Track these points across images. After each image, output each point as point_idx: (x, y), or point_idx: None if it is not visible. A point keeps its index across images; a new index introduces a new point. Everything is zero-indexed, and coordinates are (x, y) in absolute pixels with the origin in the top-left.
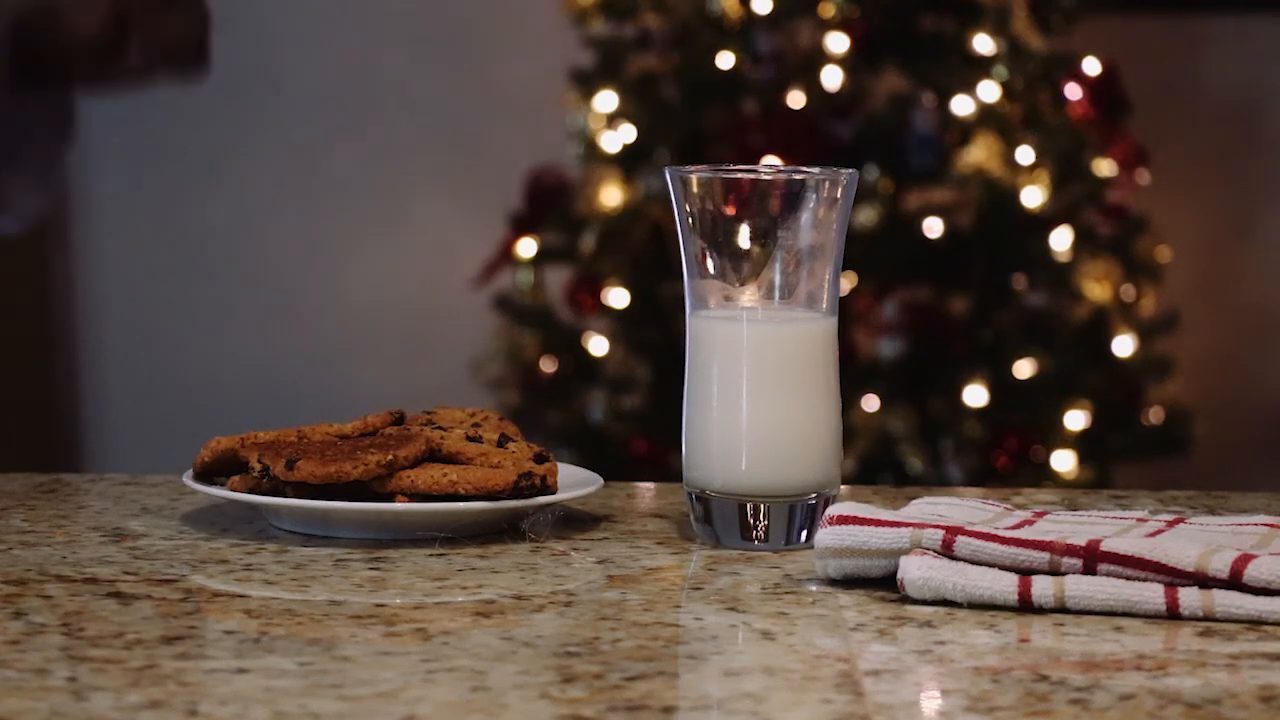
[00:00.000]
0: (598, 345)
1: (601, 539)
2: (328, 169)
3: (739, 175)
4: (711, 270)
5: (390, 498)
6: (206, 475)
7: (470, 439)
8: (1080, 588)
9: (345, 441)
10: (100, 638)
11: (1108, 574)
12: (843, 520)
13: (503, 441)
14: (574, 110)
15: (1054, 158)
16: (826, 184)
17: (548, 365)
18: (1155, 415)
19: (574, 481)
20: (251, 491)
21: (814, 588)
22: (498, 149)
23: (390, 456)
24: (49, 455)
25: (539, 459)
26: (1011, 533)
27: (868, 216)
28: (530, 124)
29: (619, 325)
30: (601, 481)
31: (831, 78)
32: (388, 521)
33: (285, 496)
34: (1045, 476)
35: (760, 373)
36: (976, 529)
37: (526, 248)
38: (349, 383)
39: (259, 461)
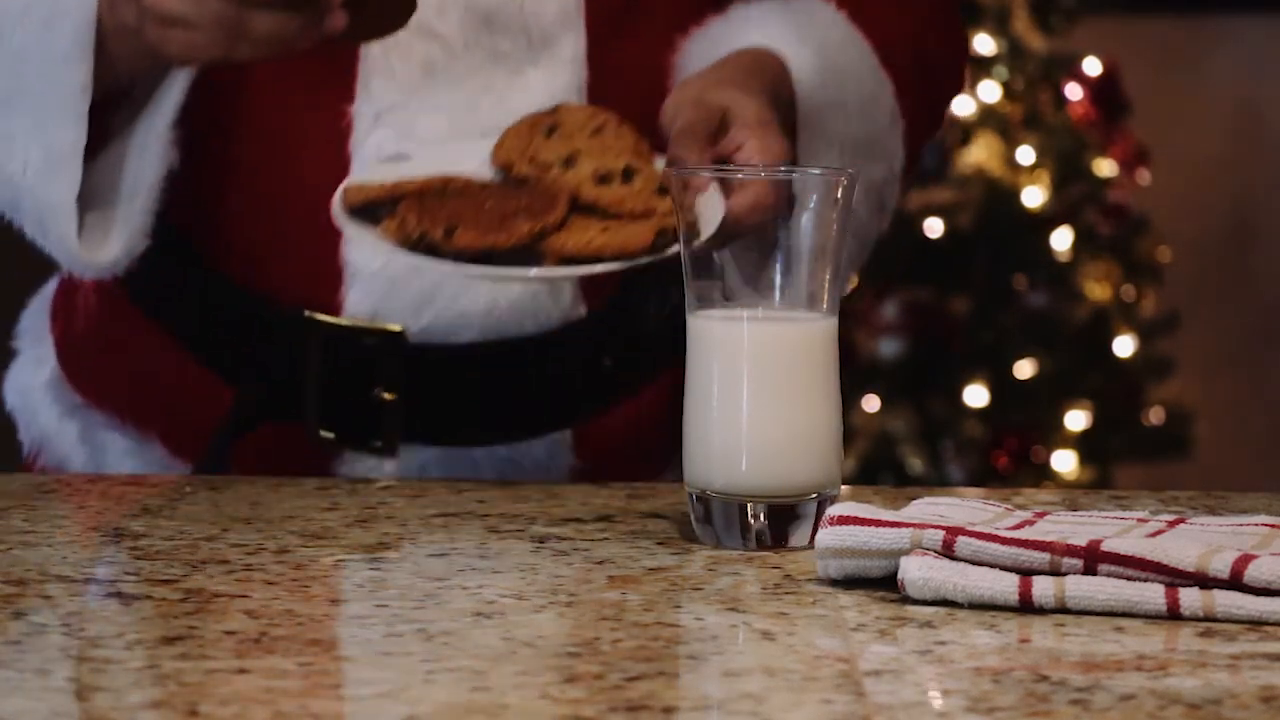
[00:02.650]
0: None
1: (601, 539)
2: None
3: (739, 175)
4: (711, 270)
5: (539, 256)
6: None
7: (601, 179)
8: (1081, 588)
9: (494, 202)
10: (100, 638)
11: (1108, 574)
12: (843, 520)
13: (628, 174)
14: None
15: (1054, 158)
16: (826, 184)
17: None
18: (1155, 415)
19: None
20: (408, 248)
21: (814, 588)
22: None
23: (540, 225)
24: None
25: (662, 190)
26: (1012, 533)
27: None
28: None
29: None
30: (722, 211)
31: None
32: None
33: (442, 258)
34: (1046, 477)
35: (760, 373)
36: (977, 529)
37: None
38: None
39: (417, 225)
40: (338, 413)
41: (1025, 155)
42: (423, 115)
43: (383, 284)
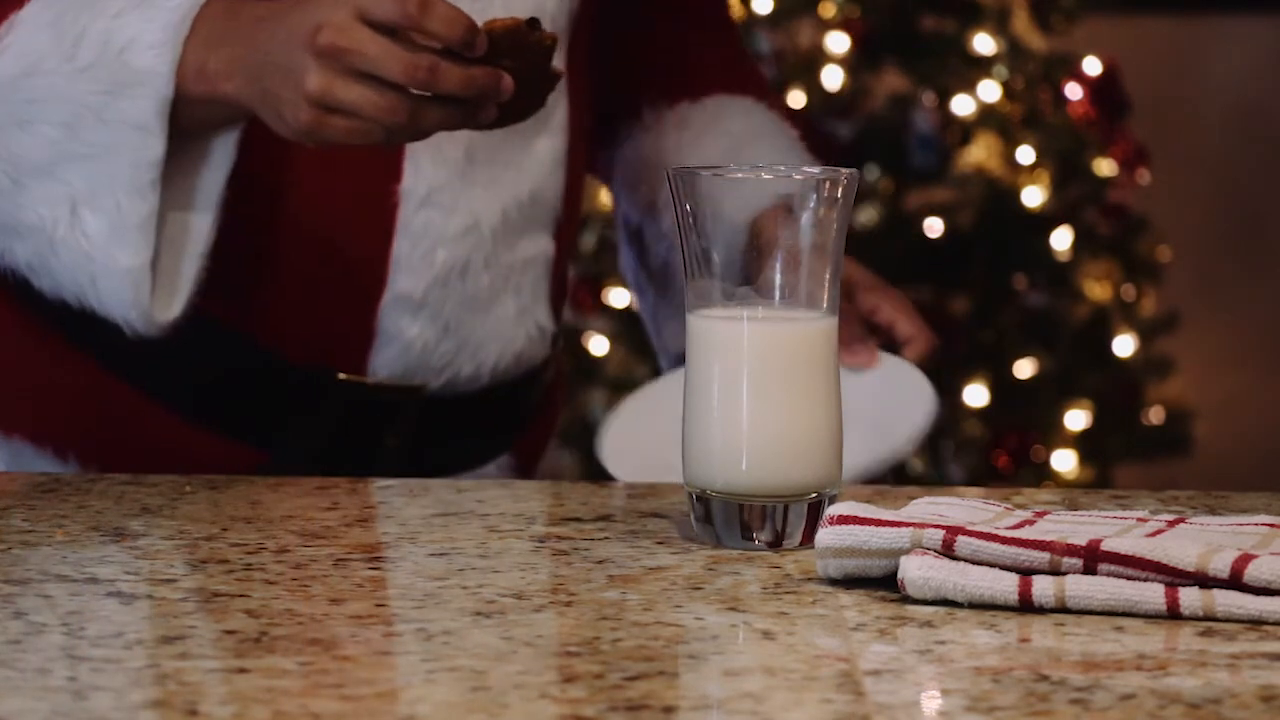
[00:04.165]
0: (598, 345)
1: (602, 539)
2: None
3: (739, 175)
4: (711, 270)
5: None
6: None
7: None
8: (1081, 587)
9: None
10: (100, 638)
11: (1108, 574)
12: (843, 520)
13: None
14: None
15: (1054, 157)
16: (826, 184)
17: None
18: (1155, 415)
19: None
20: None
21: (814, 587)
22: None
23: None
24: None
25: None
26: (1012, 532)
27: (868, 216)
28: None
29: (619, 325)
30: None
31: (832, 77)
32: None
33: None
34: (1045, 476)
35: (760, 372)
36: (977, 529)
37: None
38: None
39: None
40: (341, 456)
41: (1025, 155)
42: (462, 193)
43: (417, 351)
